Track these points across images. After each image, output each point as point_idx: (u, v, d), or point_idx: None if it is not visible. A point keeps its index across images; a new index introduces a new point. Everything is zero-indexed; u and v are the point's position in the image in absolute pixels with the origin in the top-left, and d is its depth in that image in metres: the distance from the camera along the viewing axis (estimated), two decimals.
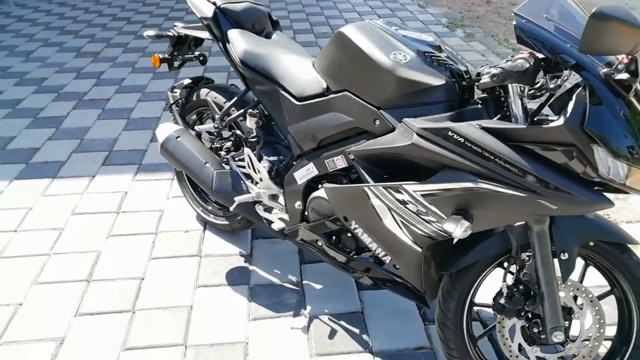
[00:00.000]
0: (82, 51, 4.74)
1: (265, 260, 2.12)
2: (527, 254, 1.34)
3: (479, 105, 1.33)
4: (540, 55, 1.19)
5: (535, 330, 1.40)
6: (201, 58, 2.19)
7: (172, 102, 2.13)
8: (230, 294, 1.94)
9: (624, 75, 1.08)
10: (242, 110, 1.84)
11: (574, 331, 1.42)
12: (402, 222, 1.40)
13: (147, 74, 4.09)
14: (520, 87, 1.22)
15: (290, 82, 1.67)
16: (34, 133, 3.18)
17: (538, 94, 1.23)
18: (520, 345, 1.44)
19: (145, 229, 2.29)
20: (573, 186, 1.15)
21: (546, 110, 1.24)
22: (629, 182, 1.18)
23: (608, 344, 1.49)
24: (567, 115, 1.11)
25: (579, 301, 1.40)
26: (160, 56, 2.11)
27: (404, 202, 1.36)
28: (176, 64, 2.18)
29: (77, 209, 2.43)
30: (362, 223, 1.52)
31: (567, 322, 1.40)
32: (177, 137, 1.93)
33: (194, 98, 2.10)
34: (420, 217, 1.35)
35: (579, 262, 1.41)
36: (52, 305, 1.88)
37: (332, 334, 1.77)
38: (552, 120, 1.18)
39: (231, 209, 1.81)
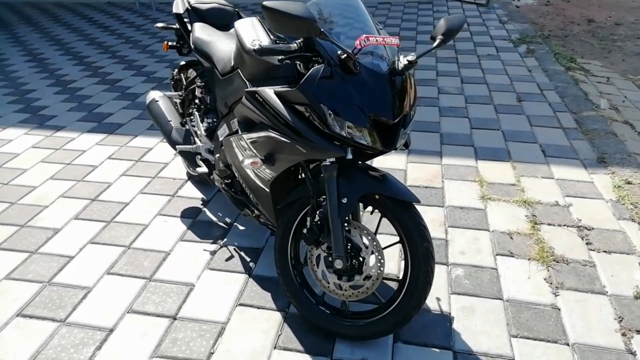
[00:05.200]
0: None
1: (216, 206, 2.70)
2: (324, 196, 1.72)
3: None
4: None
5: (330, 259, 1.76)
6: None
7: (170, 78, 2.83)
8: (176, 222, 2.56)
9: (344, 56, 1.45)
10: (196, 84, 2.45)
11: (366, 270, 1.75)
12: None
13: None
14: (300, 64, 1.61)
15: (218, 62, 2.22)
16: (116, 103, 4.19)
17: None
18: (324, 271, 1.81)
19: (148, 174, 3.03)
20: (314, 136, 1.53)
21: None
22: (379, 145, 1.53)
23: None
24: (301, 82, 1.51)
25: (370, 245, 1.73)
26: (170, 43, 2.80)
27: (244, 148, 1.84)
28: (185, 50, 2.86)
29: (113, 155, 3.28)
30: (235, 167, 2.02)
31: (361, 259, 1.73)
32: (156, 101, 2.62)
33: (183, 76, 2.76)
34: None
35: (377, 214, 1.74)
36: (62, 210, 2.69)
37: (229, 258, 2.28)
38: None
39: (173, 154, 2.43)
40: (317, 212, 1.74)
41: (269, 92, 1.65)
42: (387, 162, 3.05)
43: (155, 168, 3.09)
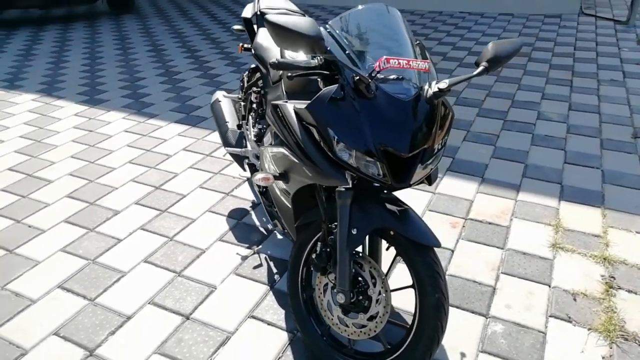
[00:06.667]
0: None
1: (263, 211, 2.68)
2: (336, 223, 1.59)
3: None
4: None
5: (335, 290, 1.62)
6: None
7: (240, 79, 2.87)
8: (221, 221, 2.59)
9: (357, 78, 1.31)
10: (253, 88, 2.44)
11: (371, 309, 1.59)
12: None
13: None
14: (320, 81, 1.50)
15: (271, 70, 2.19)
16: (208, 97, 4.40)
17: None
18: (329, 302, 1.68)
19: (212, 169, 3.12)
20: (320, 160, 1.41)
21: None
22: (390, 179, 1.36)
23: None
24: (311, 101, 1.38)
25: (378, 284, 1.56)
26: (245, 46, 2.85)
27: (269, 161, 1.78)
28: None
29: (188, 147, 3.43)
30: None
31: (368, 297, 1.58)
32: (219, 101, 2.67)
33: (248, 78, 2.79)
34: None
35: (392, 252, 1.57)
36: (128, 193, 2.87)
37: (258, 266, 2.25)
38: None
39: (222, 155, 2.45)
40: (328, 239, 1.62)
41: (289, 108, 1.56)
42: (451, 189, 2.79)
43: (220, 164, 3.18)
